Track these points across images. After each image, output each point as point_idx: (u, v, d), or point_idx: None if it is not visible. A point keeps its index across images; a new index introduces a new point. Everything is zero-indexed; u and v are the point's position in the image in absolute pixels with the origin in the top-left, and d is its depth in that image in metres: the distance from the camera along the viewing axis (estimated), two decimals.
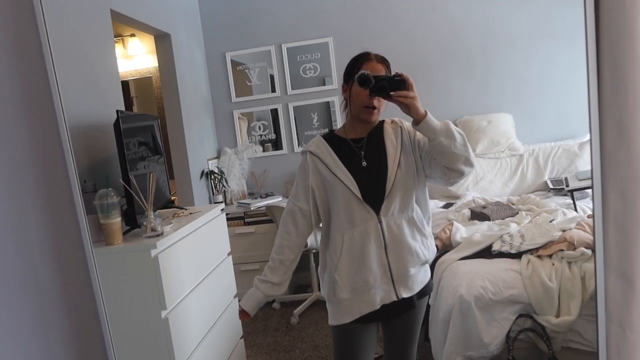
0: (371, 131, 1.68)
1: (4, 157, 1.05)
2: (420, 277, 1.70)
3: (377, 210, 1.60)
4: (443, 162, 1.51)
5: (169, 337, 1.88)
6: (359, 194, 1.59)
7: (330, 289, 1.68)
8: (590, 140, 0.79)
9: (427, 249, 1.68)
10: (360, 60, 1.63)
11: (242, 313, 1.68)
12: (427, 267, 1.76)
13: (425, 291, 1.74)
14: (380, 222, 1.60)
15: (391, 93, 1.46)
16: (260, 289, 1.68)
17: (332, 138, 1.70)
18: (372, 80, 1.48)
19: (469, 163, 1.51)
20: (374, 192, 1.60)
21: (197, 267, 2.22)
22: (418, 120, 1.46)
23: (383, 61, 1.64)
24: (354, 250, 1.61)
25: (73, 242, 1.06)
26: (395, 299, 1.64)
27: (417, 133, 1.62)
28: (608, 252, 0.84)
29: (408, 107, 1.46)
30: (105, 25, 2.57)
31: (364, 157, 1.64)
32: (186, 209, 2.52)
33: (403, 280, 1.64)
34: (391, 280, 1.63)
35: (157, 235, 1.93)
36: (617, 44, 0.76)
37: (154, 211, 2.05)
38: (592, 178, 0.84)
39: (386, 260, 1.61)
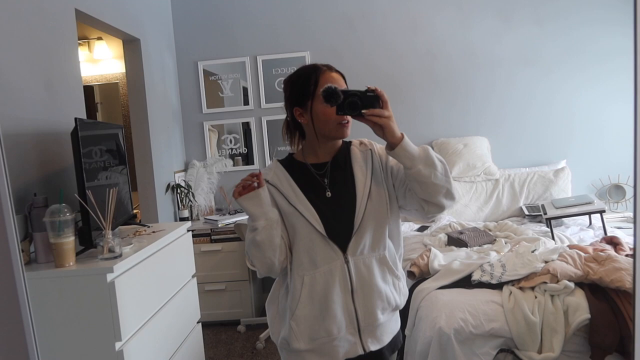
0: (336, 155, 1.45)
1: None
2: (392, 326, 1.48)
3: (343, 249, 1.37)
4: (421, 194, 1.30)
5: None
6: (322, 230, 1.36)
7: (283, 336, 1.42)
8: (635, 155, 0.68)
9: (398, 292, 1.46)
10: (315, 73, 1.37)
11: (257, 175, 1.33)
12: (398, 315, 1.53)
13: (396, 344, 1.51)
14: (347, 262, 1.37)
15: (363, 111, 1.24)
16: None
17: (291, 163, 1.46)
18: (340, 95, 1.25)
19: (451, 196, 1.31)
20: (340, 227, 1.38)
21: (158, 292, 2.04)
22: (393, 145, 1.26)
23: (337, 71, 1.41)
24: (315, 295, 1.38)
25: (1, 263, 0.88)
26: (361, 352, 1.41)
27: (391, 158, 1.42)
28: None
29: (382, 129, 1.24)
30: (68, 26, 2.39)
31: (328, 186, 1.41)
32: (149, 227, 2.34)
33: (371, 330, 1.42)
34: (357, 330, 1.40)
35: (115, 257, 1.74)
36: None
37: (114, 228, 1.87)
38: (635, 196, 0.73)
39: (353, 306, 1.39)
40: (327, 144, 1.43)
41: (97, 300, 1.66)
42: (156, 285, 2.02)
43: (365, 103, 1.25)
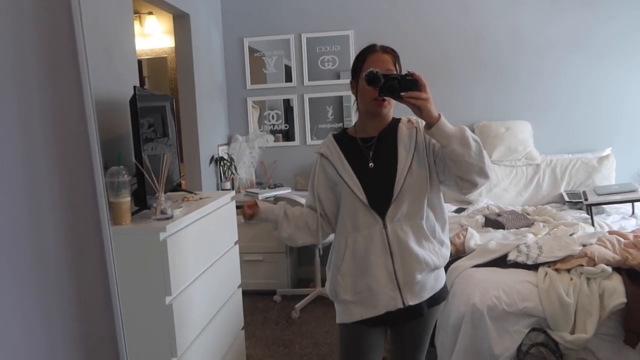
0: (383, 130, 1.59)
1: (21, 128, 0.98)
2: (431, 283, 1.59)
3: (382, 215, 1.52)
4: (456, 171, 1.42)
5: (172, 324, 1.82)
6: (364, 199, 1.52)
7: (332, 289, 1.63)
8: None
9: (436, 255, 1.57)
10: (364, 52, 1.55)
11: (250, 205, 1.65)
12: (440, 272, 1.65)
13: (437, 299, 1.64)
14: (385, 227, 1.52)
15: (402, 94, 1.37)
16: (279, 209, 1.67)
17: (343, 137, 1.64)
18: (381, 79, 1.39)
19: (484, 174, 1.41)
20: (380, 195, 1.52)
21: (203, 254, 2.16)
22: (430, 124, 1.38)
23: (390, 52, 1.55)
24: (357, 255, 1.55)
25: (89, 221, 1.00)
26: (401, 306, 1.54)
27: None
28: None
29: (420, 110, 1.37)
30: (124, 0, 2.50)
31: (371, 158, 1.56)
32: (196, 194, 2.46)
33: (410, 287, 1.55)
34: (397, 286, 1.54)
35: (167, 219, 1.86)
36: None
37: (165, 192, 1.98)
38: None
39: (392, 266, 1.53)
40: (374, 120, 1.59)
41: (150, 256, 1.78)
42: (202, 248, 2.14)
43: (404, 86, 1.38)
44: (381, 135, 1.59)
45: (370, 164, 1.55)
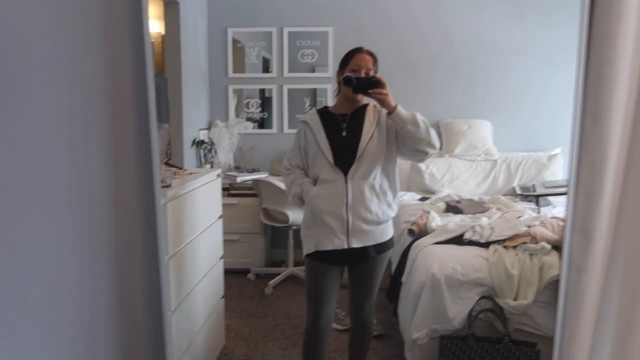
0: (356, 109, 2.06)
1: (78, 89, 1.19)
2: (376, 235, 2.04)
3: (345, 173, 1.98)
4: (410, 144, 1.93)
5: (168, 281, 2.02)
6: (331, 159, 1.98)
7: (303, 224, 2.12)
8: (573, 128, 1.02)
9: (382, 213, 2.02)
10: (353, 51, 2.03)
11: None
12: (386, 227, 2.08)
13: (384, 248, 2.08)
14: (346, 182, 1.98)
15: (369, 90, 1.90)
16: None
17: (324, 112, 2.11)
18: (354, 81, 1.93)
19: (431, 145, 1.91)
20: (346, 157, 1.98)
21: (194, 223, 2.38)
22: (390, 112, 1.90)
23: (372, 54, 2.02)
24: (322, 201, 1.99)
25: (134, 180, 1.22)
26: (345, 247, 2.00)
27: None
28: (575, 215, 1.08)
29: (382, 102, 1.89)
30: None
31: (345, 129, 2.03)
32: (186, 169, 2.66)
33: (355, 234, 2.00)
34: (346, 232, 1.99)
35: (167, 186, 2.07)
36: (601, 59, 1.00)
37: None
38: (570, 157, 1.07)
39: (345, 215, 1.98)
40: (351, 101, 2.05)
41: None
42: (193, 217, 2.36)
43: (371, 85, 1.91)
44: (354, 112, 2.06)
45: (343, 133, 2.03)
